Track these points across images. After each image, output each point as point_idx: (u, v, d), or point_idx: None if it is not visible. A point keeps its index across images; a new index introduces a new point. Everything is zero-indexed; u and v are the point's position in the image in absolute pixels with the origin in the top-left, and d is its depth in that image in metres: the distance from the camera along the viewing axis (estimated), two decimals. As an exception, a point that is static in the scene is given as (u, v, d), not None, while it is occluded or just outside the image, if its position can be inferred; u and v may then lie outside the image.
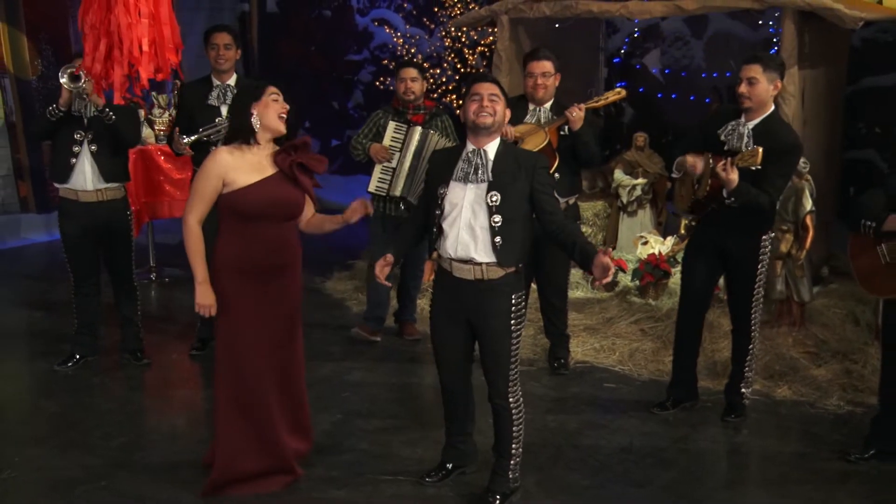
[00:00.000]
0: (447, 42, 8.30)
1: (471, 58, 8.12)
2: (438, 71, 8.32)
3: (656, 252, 6.51)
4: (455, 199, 3.66)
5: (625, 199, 7.37)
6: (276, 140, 3.83)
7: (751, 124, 4.46)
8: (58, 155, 5.16)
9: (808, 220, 5.50)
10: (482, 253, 3.63)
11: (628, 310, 6.22)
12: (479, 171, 3.64)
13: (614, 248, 7.43)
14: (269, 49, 10.14)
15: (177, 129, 5.22)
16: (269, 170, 3.77)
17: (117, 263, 5.36)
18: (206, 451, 4.13)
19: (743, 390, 4.79)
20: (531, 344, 5.73)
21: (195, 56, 9.03)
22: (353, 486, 4.01)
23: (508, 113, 3.79)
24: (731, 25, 8.00)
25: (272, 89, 3.77)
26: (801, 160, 5.56)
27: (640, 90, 8.32)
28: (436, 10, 8.30)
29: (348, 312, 6.40)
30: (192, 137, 5.06)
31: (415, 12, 8.76)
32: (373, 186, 5.52)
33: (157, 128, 7.22)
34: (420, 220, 3.90)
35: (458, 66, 8.19)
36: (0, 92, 8.57)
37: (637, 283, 6.49)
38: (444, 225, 3.68)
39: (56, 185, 5.25)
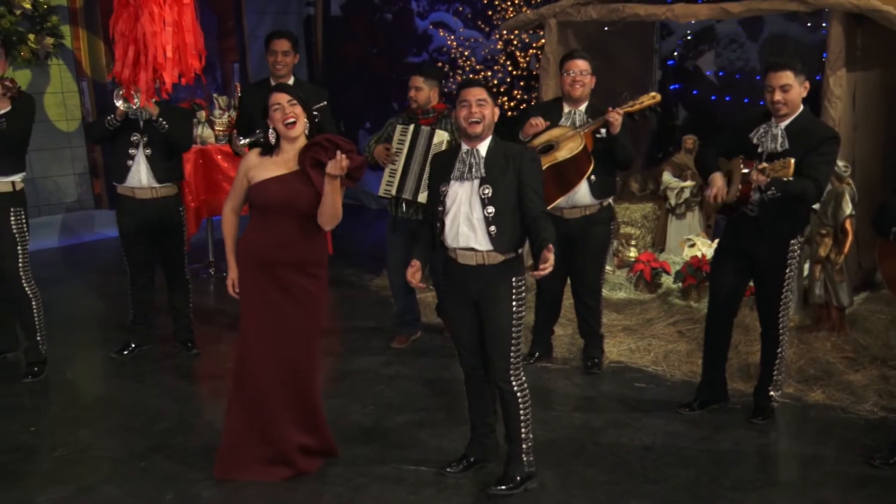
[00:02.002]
0: (499, 45, 8.42)
1: (522, 61, 8.22)
2: (490, 73, 8.44)
3: (700, 255, 6.52)
4: (454, 195, 3.89)
5: (673, 202, 7.38)
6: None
7: (783, 125, 4.45)
8: (115, 156, 5.49)
9: (848, 225, 5.46)
10: (481, 242, 3.84)
11: (668, 311, 6.26)
12: (473, 169, 3.87)
13: (662, 251, 7.46)
14: (333, 51, 10.40)
15: (234, 130, 5.49)
16: (291, 167, 3.98)
17: (170, 257, 5.65)
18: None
19: (771, 393, 4.80)
20: (567, 343, 5.82)
21: (259, 58, 9.42)
22: (375, 474, 4.19)
23: (497, 112, 3.95)
24: (787, 27, 7.91)
25: (272, 99, 3.96)
26: (843, 163, 5.53)
27: (694, 92, 8.30)
28: (490, 13, 8.42)
29: (392, 309, 6.56)
30: (249, 139, 5.32)
31: (469, 15, 8.90)
32: (381, 190, 5.65)
33: (216, 128, 7.53)
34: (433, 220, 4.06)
35: (510, 68, 8.29)
36: (79, 95, 9.03)
37: (679, 284, 6.51)
38: (447, 220, 3.90)
39: (115, 183, 5.58)
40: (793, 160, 4.25)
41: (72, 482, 4.14)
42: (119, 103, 5.14)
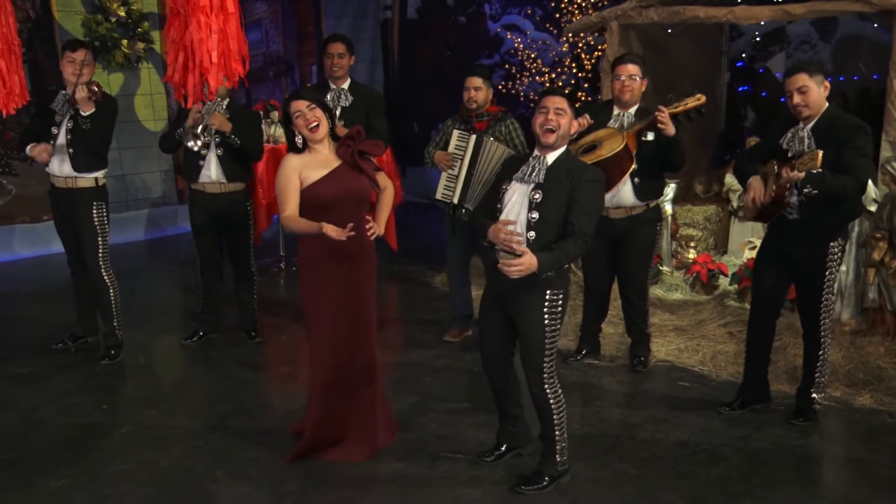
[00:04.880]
0: (564, 48, 8.52)
1: (588, 63, 8.30)
2: (554, 76, 8.55)
3: (758, 257, 6.50)
4: (511, 195, 3.95)
5: (735, 204, 7.35)
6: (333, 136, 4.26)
7: (809, 126, 4.47)
8: (188, 156, 5.83)
9: (903, 228, 5.40)
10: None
11: (721, 313, 6.28)
12: (534, 174, 3.91)
13: (725, 253, 7.45)
14: (408, 53, 10.67)
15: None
16: (335, 163, 4.20)
17: (237, 249, 5.98)
18: (298, 420, 4.63)
19: (814, 395, 4.80)
20: (616, 341, 5.91)
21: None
22: (412, 460, 4.38)
23: (575, 124, 4.02)
24: (861, 27, 7.78)
25: (292, 108, 4.15)
26: (898, 166, 5.47)
27: (763, 94, 8.23)
28: (557, 16, 8.53)
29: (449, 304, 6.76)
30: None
31: (538, 18, 9.02)
32: (439, 194, 5.73)
33: (289, 129, 7.85)
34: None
35: (575, 70, 8.39)
36: (166, 96, 9.51)
37: (735, 286, 6.51)
38: (501, 218, 3.94)
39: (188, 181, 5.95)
40: (820, 152, 4.22)
41: (135, 456, 4.47)
42: (190, 144, 5.56)
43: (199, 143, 5.59)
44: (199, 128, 5.57)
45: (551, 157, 3.94)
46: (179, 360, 5.86)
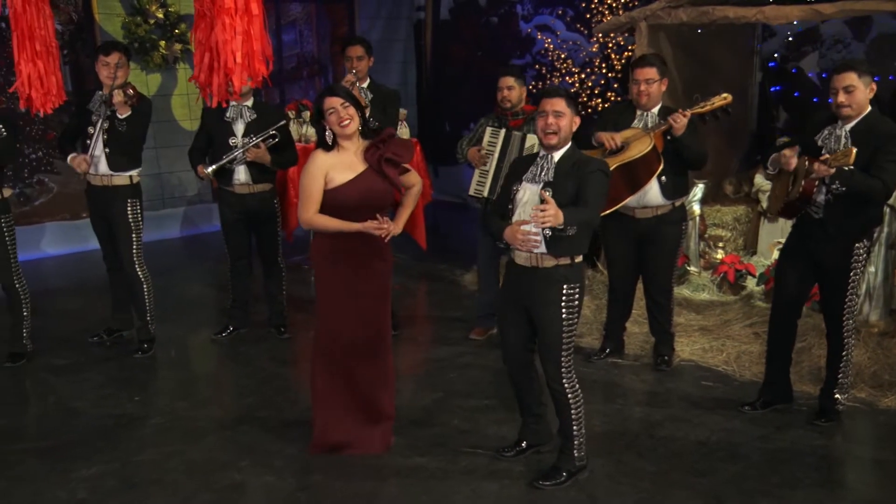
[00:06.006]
0: (594, 48, 8.54)
1: (617, 63, 8.31)
2: (584, 76, 8.58)
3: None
4: (522, 195, 4.04)
5: (765, 205, 7.32)
6: (363, 133, 4.30)
7: (848, 126, 4.45)
8: (217, 162, 5.95)
9: (931, 230, 5.35)
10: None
11: (748, 313, 6.27)
12: (543, 172, 4.01)
13: (754, 254, 7.42)
14: (441, 53, 10.74)
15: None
16: (360, 166, 4.25)
17: (265, 245, 6.10)
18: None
19: (837, 396, 4.79)
20: (641, 341, 5.93)
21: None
22: (433, 455, 4.46)
23: (577, 121, 4.08)
24: None
25: (326, 104, 4.21)
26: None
27: (796, 94, 8.16)
28: (587, 16, 8.54)
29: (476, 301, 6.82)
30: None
31: (568, 19, 9.04)
32: (472, 189, 5.85)
33: (320, 128, 7.97)
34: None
35: (605, 70, 8.40)
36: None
37: (763, 287, 6.50)
38: (513, 219, 4.04)
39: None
40: (854, 149, 4.23)
41: (164, 446, 4.60)
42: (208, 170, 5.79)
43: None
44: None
45: (558, 155, 4.04)
46: (210, 355, 6.00)
